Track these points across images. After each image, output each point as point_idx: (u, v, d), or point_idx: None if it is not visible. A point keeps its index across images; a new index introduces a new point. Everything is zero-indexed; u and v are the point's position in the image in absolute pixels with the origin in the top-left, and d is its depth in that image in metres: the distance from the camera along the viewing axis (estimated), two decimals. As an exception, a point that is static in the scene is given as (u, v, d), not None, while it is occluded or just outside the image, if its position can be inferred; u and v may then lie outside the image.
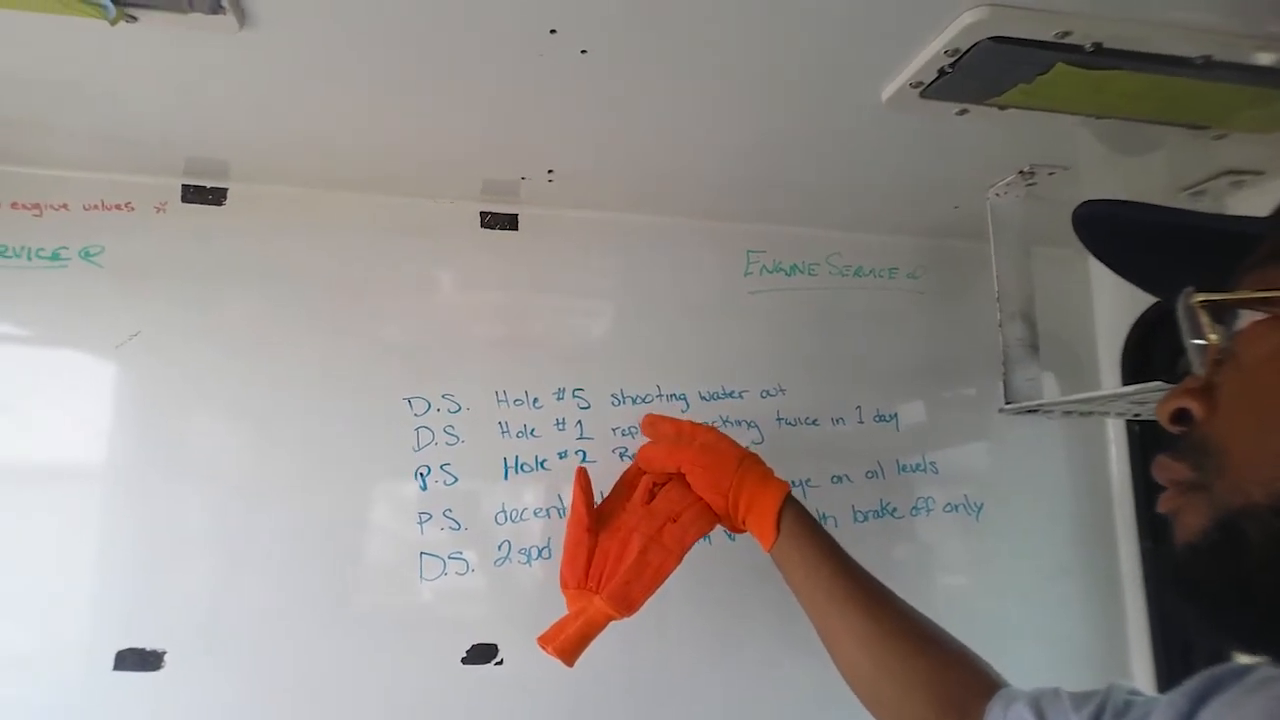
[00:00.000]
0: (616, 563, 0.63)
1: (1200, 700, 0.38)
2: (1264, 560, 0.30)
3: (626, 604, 0.62)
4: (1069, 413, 0.85)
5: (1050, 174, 0.82)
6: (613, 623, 0.69)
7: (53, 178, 0.82)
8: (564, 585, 0.66)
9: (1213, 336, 0.35)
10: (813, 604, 0.60)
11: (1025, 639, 0.99)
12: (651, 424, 0.77)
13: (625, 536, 0.64)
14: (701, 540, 0.70)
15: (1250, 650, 0.35)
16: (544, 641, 0.65)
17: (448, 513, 0.85)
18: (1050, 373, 1.06)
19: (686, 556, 0.68)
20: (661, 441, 0.71)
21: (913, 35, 0.58)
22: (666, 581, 0.68)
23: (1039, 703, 0.47)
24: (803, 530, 0.61)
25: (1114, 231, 0.43)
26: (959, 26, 0.55)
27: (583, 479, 0.70)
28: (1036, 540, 1.02)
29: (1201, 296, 0.35)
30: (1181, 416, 0.35)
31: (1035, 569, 1.01)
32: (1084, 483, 1.06)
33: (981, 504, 1.01)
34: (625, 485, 0.73)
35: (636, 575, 0.62)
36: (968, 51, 0.57)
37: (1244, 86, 0.61)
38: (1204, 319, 0.35)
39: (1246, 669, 0.38)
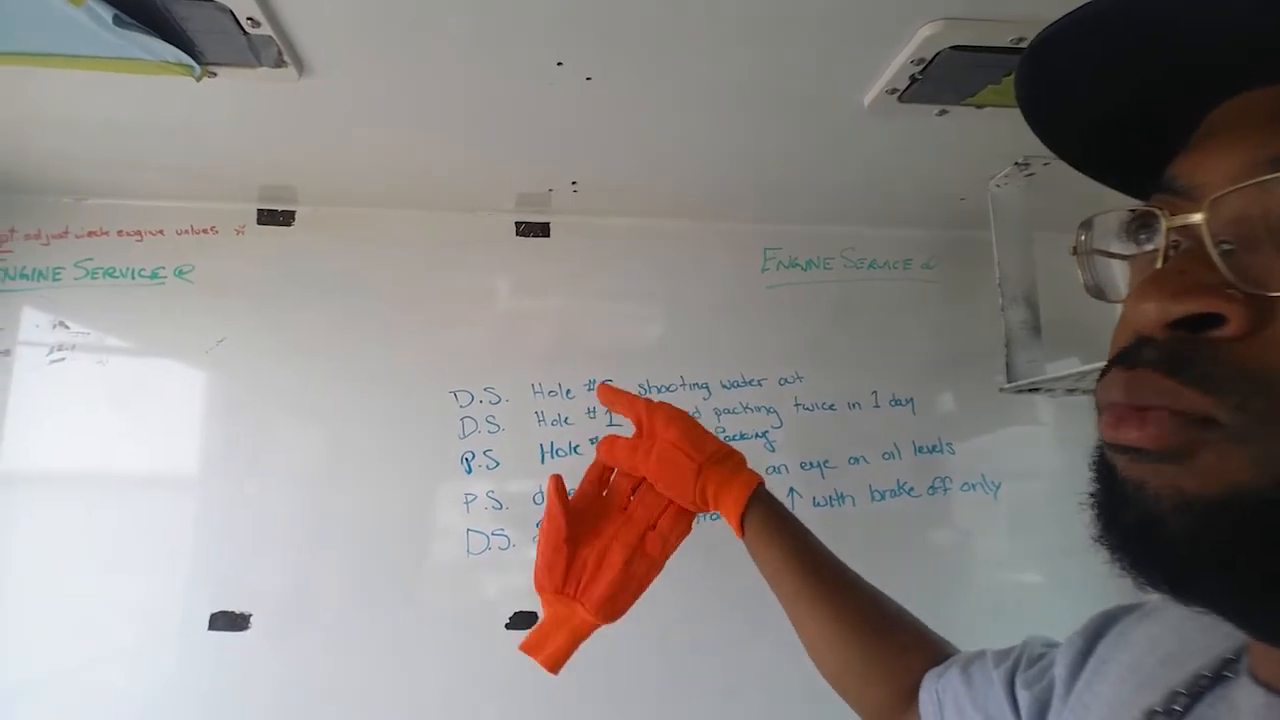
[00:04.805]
0: (597, 571, 0.61)
1: (1096, 636, 0.41)
2: None
3: (614, 613, 0.62)
4: (1072, 391, 0.88)
5: (1045, 164, 0.86)
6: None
7: (150, 208, 0.96)
8: (540, 589, 0.63)
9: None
10: (782, 597, 0.59)
11: (1047, 616, 1.01)
12: (611, 401, 0.67)
13: (605, 544, 0.62)
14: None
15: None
16: (529, 649, 0.62)
17: (490, 494, 0.95)
18: (1074, 357, 1.09)
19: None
20: (621, 445, 0.63)
21: (881, 46, 0.64)
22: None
23: (969, 667, 0.48)
24: (767, 529, 0.59)
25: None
26: (920, 38, 0.61)
27: (558, 485, 0.64)
28: (1058, 518, 1.04)
29: None
30: (1200, 323, 0.25)
31: (1057, 547, 1.04)
32: (1106, 463, 1.08)
33: (999, 483, 1.05)
34: (596, 481, 0.67)
35: (623, 587, 0.61)
36: (932, 60, 0.63)
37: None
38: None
39: (1138, 604, 0.40)
